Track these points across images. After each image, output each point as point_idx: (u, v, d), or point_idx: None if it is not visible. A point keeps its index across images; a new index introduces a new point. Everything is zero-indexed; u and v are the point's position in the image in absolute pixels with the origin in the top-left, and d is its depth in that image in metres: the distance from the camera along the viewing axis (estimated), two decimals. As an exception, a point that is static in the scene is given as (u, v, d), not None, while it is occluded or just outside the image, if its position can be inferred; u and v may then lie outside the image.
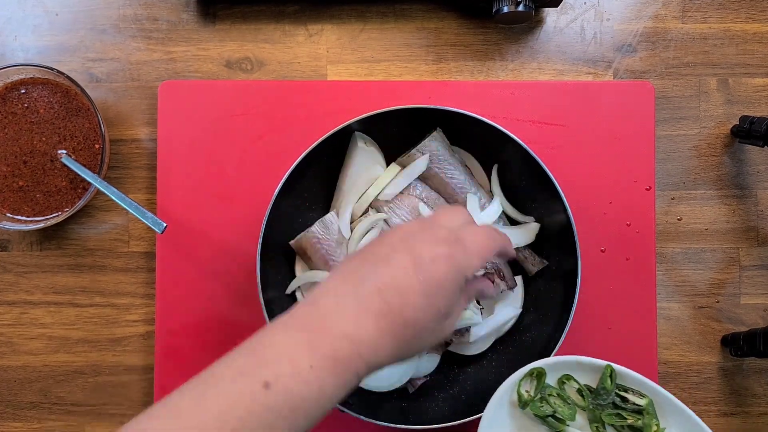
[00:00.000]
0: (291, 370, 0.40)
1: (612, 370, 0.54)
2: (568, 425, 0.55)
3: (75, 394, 0.69)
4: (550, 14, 0.71)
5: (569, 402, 0.55)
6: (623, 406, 0.54)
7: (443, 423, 0.59)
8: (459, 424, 0.58)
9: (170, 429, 0.38)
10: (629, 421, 0.53)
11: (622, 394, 0.54)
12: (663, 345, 0.69)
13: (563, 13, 0.71)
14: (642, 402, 0.53)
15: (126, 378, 0.69)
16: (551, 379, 0.56)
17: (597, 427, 0.55)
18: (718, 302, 0.70)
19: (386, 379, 0.62)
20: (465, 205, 0.63)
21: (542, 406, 0.54)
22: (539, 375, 0.55)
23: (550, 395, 0.55)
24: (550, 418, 0.55)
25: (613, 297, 0.68)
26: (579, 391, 0.55)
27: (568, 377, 0.55)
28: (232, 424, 0.38)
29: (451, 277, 0.44)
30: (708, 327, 0.70)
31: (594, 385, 0.55)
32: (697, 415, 0.70)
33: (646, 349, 0.67)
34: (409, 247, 0.44)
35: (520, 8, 0.64)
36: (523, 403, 0.54)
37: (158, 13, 0.70)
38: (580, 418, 0.56)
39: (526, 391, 0.55)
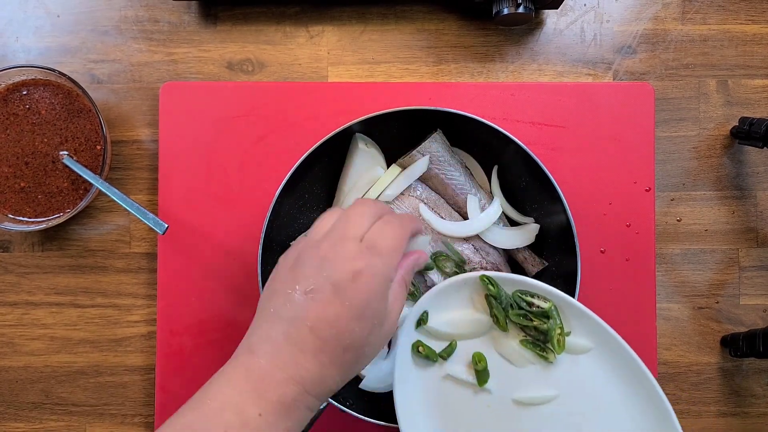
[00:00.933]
0: (240, 420, 0.41)
1: (488, 279, 0.56)
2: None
3: (76, 395, 0.69)
4: (550, 16, 0.71)
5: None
6: (528, 309, 0.56)
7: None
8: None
9: None
10: (535, 323, 0.55)
11: (528, 299, 0.56)
12: (663, 345, 0.69)
13: (563, 15, 0.71)
14: (545, 305, 0.55)
15: (127, 378, 0.69)
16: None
17: (501, 323, 0.57)
18: (717, 303, 0.70)
19: (386, 380, 0.62)
20: (465, 206, 0.63)
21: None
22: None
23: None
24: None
25: (613, 297, 0.68)
26: (487, 299, 0.57)
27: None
28: None
29: (374, 288, 0.45)
30: (707, 327, 0.70)
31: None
32: (697, 415, 0.71)
33: (645, 349, 0.67)
34: (325, 275, 0.44)
35: (521, 10, 0.64)
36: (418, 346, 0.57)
37: (159, 15, 0.71)
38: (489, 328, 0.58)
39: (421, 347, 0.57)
